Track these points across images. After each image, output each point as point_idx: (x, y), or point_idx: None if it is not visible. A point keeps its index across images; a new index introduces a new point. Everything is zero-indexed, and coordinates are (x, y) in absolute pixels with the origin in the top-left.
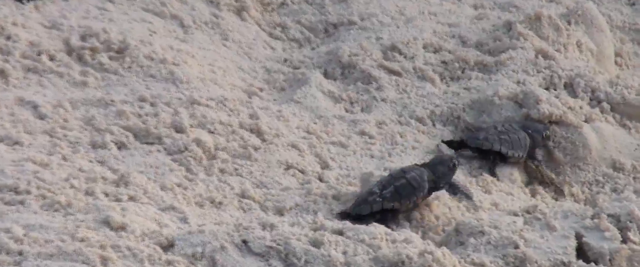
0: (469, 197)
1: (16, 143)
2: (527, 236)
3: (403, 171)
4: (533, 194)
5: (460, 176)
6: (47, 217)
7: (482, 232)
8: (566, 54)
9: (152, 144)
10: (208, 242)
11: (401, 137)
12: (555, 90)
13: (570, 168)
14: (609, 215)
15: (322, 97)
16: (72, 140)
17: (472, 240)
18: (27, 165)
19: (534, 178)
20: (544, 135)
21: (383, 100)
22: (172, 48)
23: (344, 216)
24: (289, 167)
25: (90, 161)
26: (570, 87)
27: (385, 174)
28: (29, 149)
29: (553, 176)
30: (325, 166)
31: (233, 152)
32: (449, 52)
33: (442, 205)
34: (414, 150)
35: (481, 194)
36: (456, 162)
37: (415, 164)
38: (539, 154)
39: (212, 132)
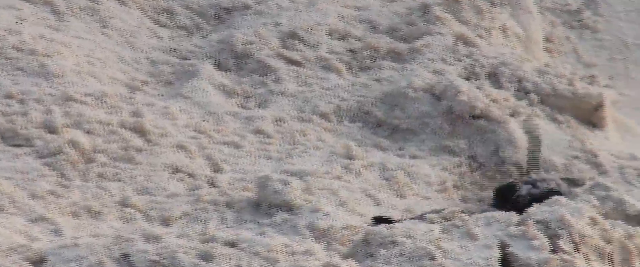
0: None
1: None
2: (445, 245)
3: None
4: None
5: (371, 177)
6: None
7: (394, 243)
8: (489, 39)
9: (20, 146)
10: (84, 256)
11: (302, 135)
12: (477, 80)
13: (493, 167)
14: (537, 221)
15: (214, 91)
16: None
17: (382, 251)
18: None
19: None
20: None
21: (282, 94)
22: (43, 37)
23: None
24: (176, 170)
25: None
26: (494, 77)
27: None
28: None
29: None
30: (217, 169)
31: (113, 155)
32: (357, 39)
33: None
34: (317, 150)
35: (393, 198)
36: None
37: None
38: None
39: (89, 133)
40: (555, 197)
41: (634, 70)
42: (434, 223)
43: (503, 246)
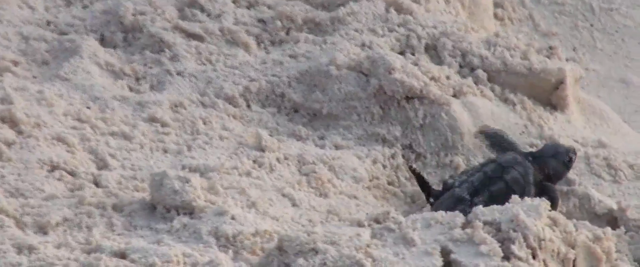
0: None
1: None
2: (376, 253)
3: (501, 167)
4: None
5: (286, 173)
6: None
7: (315, 250)
8: (427, 5)
9: None
10: None
11: (205, 124)
12: (413, 55)
13: (434, 157)
14: (485, 223)
15: (98, 71)
16: None
17: (301, 261)
18: None
19: None
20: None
21: (180, 74)
22: None
23: None
24: (53, 168)
25: None
26: (433, 51)
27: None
28: None
29: None
30: (102, 165)
31: None
32: (268, 7)
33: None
34: (222, 141)
35: (314, 198)
36: (573, 156)
37: (516, 154)
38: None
39: None
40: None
41: (601, 40)
42: (362, 226)
43: (445, 253)
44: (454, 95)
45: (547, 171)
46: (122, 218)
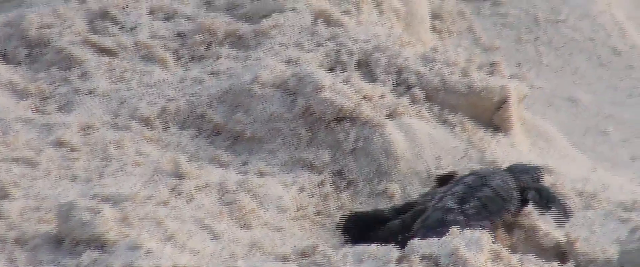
0: (567, 213)
1: None
2: None
3: (481, 176)
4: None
5: (206, 202)
6: None
7: None
8: (359, 17)
9: None
10: None
11: (117, 148)
12: (343, 72)
13: (366, 185)
14: (423, 256)
15: (0, 91)
16: None
17: None
18: None
19: None
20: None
21: (90, 93)
22: None
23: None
24: None
25: None
26: (365, 67)
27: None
28: None
29: None
30: (3, 194)
31: None
32: (187, 18)
33: None
34: (137, 167)
35: (236, 230)
36: (542, 173)
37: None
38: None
39: None
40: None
41: (547, 55)
42: (288, 261)
43: None
44: (389, 117)
45: (521, 183)
46: (25, 253)
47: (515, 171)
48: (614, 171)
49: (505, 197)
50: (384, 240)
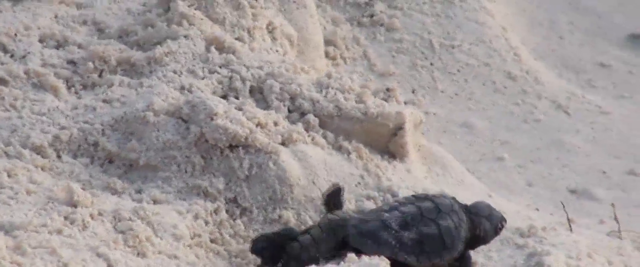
0: None
1: None
2: None
3: (438, 209)
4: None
5: (101, 230)
6: None
7: None
8: (252, 43)
9: None
10: None
11: (9, 176)
12: (237, 98)
13: (261, 212)
14: None
15: None
16: None
17: None
18: None
19: None
20: (498, 227)
21: None
22: None
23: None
24: None
25: None
26: (259, 94)
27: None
28: None
29: None
30: None
31: None
32: (79, 46)
33: None
34: (30, 195)
35: (131, 258)
36: (504, 224)
37: (454, 202)
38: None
39: None
40: (348, 253)
41: (442, 81)
42: None
43: None
44: (283, 143)
45: (478, 231)
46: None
47: (481, 214)
48: (510, 197)
49: (448, 244)
50: (297, 257)
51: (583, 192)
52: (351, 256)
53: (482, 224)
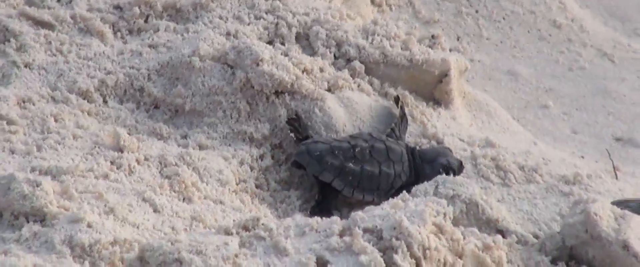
0: None
1: None
2: (246, 264)
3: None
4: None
5: (147, 175)
6: None
7: (179, 261)
8: None
9: None
10: None
11: (56, 121)
12: (283, 45)
13: None
14: (365, 229)
15: None
16: None
17: None
18: None
19: None
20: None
21: (27, 66)
22: None
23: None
24: None
25: None
26: (305, 40)
27: None
28: None
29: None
30: None
31: None
32: None
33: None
34: (76, 140)
35: (177, 203)
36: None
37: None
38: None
39: None
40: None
41: (487, 28)
42: (230, 234)
43: (322, 263)
44: (329, 90)
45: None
46: None
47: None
48: (555, 145)
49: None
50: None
51: (628, 140)
52: (397, 201)
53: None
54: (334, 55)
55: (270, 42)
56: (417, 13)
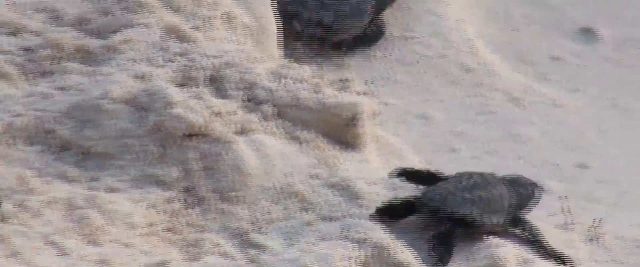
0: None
1: None
2: None
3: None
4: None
5: (54, 218)
6: None
7: None
8: (210, 33)
9: None
10: None
11: None
12: (194, 87)
13: (217, 203)
14: None
15: None
16: None
17: None
18: None
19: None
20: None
21: None
22: None
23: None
24: None
25: None
26: (216, 83)
27: None
28: None
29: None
30: None
31: None
32: (35, 33)
33: None
34: None
35: (83, 246)
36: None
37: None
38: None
39: None
40: None
41: (399, 71)
42: None
43: None
44: (239, 133)
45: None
46: None
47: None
48: None
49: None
50: None
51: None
52: None
53: (520, 191)
54: (245, 98)
55: (181, 85)
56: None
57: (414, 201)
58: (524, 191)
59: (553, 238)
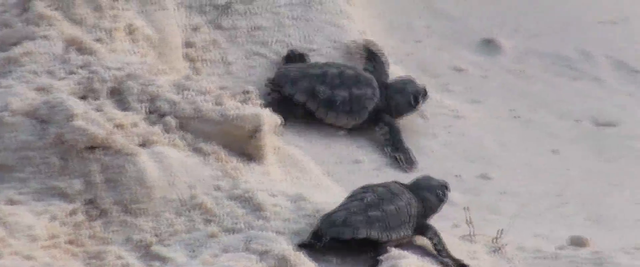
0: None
1: None
2: None
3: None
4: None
5: None
6: None
7: None
8: (112, 44)
9: None
10: None
11: None
12: (96, 100)
13: (120, 215)
14: None
15: None
16: None
17: None
18: None
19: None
20: (440, 194)
21: None
22: None
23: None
24: None
25: None
26: (118, 95)
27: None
28: None
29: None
30: None
31: None
32: None
33: None
34: None
35: None
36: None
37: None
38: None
39: None
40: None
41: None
42: None
43: None
44: (142, 145)
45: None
46: None
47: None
48: None
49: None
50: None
51: None
52: None
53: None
54: (147, 111)
55: (83, 97)
56: (229, 69)
57: (317, 230)
58: (430, 197)
59: (457, 249)
